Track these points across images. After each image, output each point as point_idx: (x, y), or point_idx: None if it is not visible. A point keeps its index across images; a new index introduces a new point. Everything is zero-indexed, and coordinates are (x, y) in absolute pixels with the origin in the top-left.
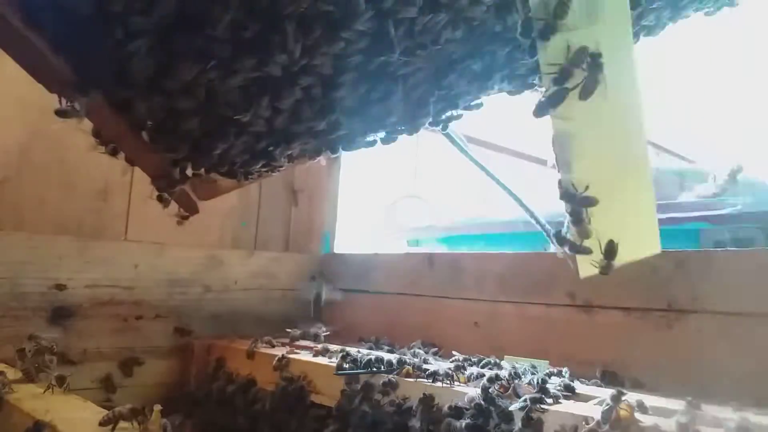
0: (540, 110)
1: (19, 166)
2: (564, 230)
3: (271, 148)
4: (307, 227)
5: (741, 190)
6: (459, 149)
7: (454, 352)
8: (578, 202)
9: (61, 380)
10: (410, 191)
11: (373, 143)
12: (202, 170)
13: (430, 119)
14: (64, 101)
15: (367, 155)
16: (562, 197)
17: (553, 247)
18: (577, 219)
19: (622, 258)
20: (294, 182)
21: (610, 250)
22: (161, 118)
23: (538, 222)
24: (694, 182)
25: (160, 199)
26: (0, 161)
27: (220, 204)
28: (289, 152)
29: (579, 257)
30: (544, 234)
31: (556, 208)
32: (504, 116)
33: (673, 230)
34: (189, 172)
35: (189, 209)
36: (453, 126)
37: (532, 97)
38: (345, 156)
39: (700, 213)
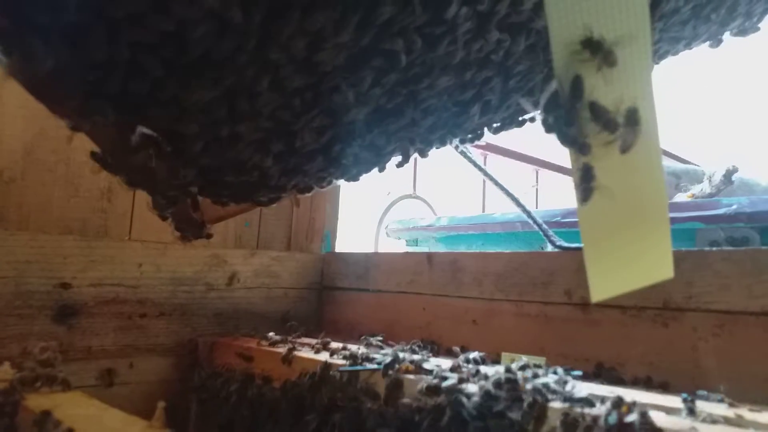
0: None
1: (24, 167)
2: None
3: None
4: (309, 227)
5: (736, 190)
6: (457, 150)
7: (455, 348)
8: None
9: (54, 380)
10: (410, 191)
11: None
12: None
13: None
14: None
15: None
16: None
17: (550, 247)
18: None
19: (635, 282)
20: None
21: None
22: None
23: (535, 222)
24: (690, 182)
25: (162, 218)
26: (5, 161)
27: None
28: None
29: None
30: (541, 234)
31: (553, 209)
32: None
33: None
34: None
35: (195, 231)
36: None
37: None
38: None
39: (695, 213)
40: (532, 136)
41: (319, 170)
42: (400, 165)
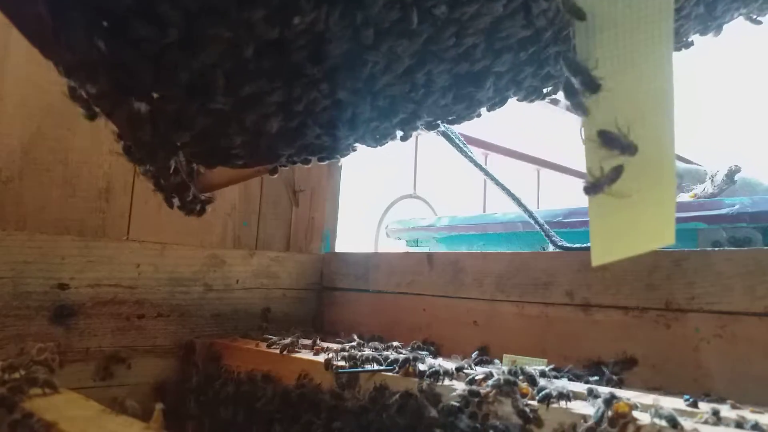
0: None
1: (22, 166)
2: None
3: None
4: (308, 227)
5: (738, 190)
6: (458, 149)
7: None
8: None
9: (34, 382)
10: (410, 191)
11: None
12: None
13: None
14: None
15: (367, 155)
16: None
17: (551, 247)
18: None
19: (637, 248)
20: (295, 182)
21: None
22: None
23: (536, 222)
24: (692, 182)
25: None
26: (3, 161)
27: (221, 204)
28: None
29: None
30: (543, 234)
31: (555, 209)
32: (503, 117)
33: None
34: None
35: (187, 202)
36: (451, 126)
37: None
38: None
39: (697, 213)
40: (534, 135)
41: (316, 135)
42: (403, 139)
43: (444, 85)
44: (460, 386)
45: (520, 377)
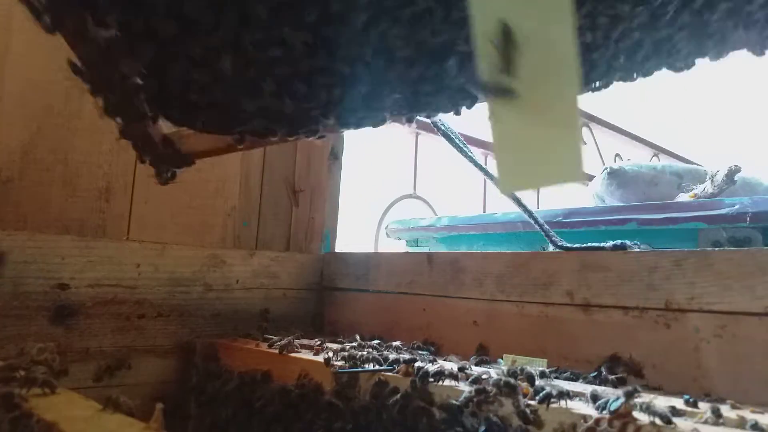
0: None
1: (22, 166)
2: None
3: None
4: (308, 227)
5: (738, 190)
6: (458, 149)
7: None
8: None
9: (33, 381)
10: (410, 191)
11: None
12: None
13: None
14: None
15: (367, 155)
16: None
17: (551, 247)
18: None
19: (543, 180)
20: (295, 182)
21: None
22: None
23: (536, 222)
24: (692, 182)
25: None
26: (3, 161)
27: (221, 204)
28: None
29: None
30: (543, 234)
31: (555, 209)
32: None
33: (670, 230)
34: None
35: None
36: (451, 125)
37: None
38: (345, 156)
39: (697, 213)
40: None
41: (275, 93)
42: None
43: (405, 55)
44: (462, 386)
45: (520, 377)
